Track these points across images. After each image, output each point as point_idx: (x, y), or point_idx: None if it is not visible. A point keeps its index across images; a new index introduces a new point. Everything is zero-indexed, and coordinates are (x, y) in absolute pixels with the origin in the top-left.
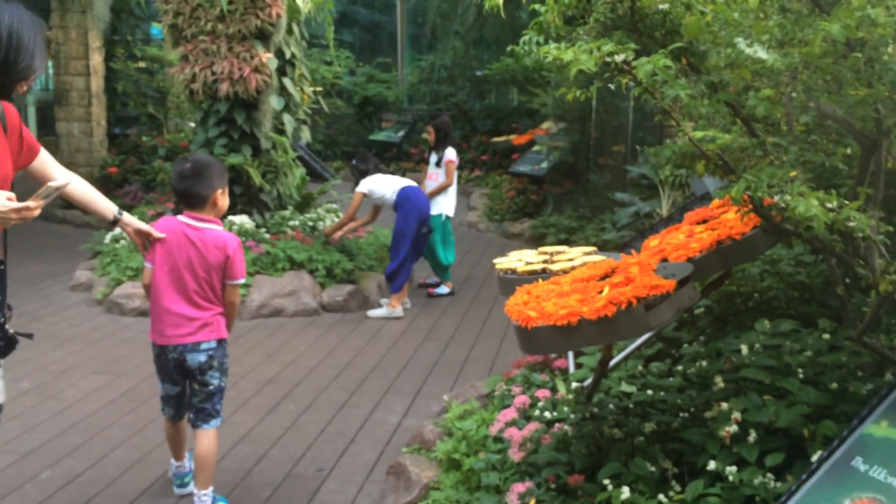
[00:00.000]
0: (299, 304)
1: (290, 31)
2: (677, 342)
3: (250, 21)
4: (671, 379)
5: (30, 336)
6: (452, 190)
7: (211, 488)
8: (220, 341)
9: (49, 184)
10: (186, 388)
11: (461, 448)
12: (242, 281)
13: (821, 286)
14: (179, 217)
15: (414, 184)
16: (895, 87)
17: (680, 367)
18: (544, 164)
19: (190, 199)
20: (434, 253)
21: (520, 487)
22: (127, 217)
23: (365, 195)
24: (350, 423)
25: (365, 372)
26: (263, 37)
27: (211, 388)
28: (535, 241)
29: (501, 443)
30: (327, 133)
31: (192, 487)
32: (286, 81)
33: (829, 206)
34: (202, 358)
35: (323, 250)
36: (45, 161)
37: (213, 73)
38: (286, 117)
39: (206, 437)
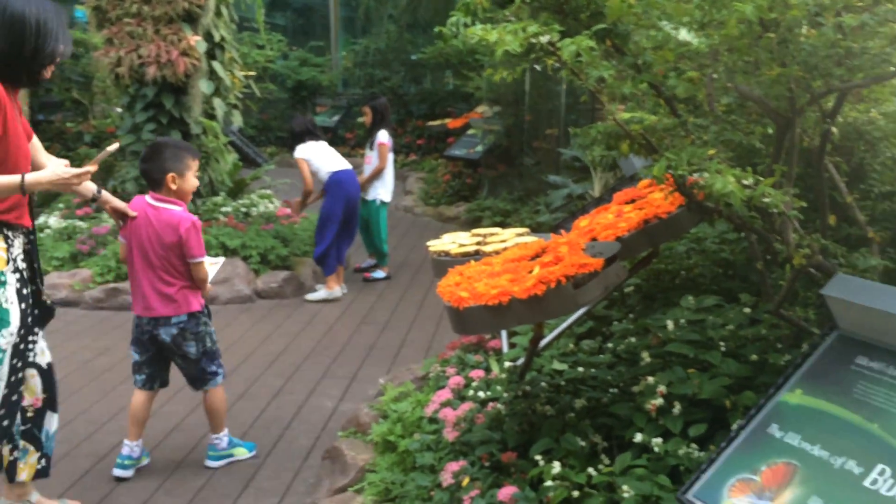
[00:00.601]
0: (233, 291)
1: (218, 14)
2: (608, 320)
3: (177, 3)
4: (601, 356)
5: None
6: (388, 174)
7: (225, 431)
8: (192, 314)
9: (107, 149)
10: (156, 359)
11: (396, 430)
12: (202, 259)
13: (743, 262)
14: (145, 196)
15: (349, 167)
16: (807, 66)
17: (610, 345)
18: (479, 148)
19: (147, 180)
20: (372, 238)
21: (454, 466)
22: (105, 195)
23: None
24: (285, 410)
25: (300, 358)
26: (191, 19)
27: (191, 356)
28: (471, 225)
29: (436, 423)
30: (260, 118)
31: (129, 472)
32: (216, 65)
33: (746, 183)
34: (174, 331)
35: (257, 236)
36: (37, 146)
37: (140, 57)
38: (217, 102)
39: (210, 397)
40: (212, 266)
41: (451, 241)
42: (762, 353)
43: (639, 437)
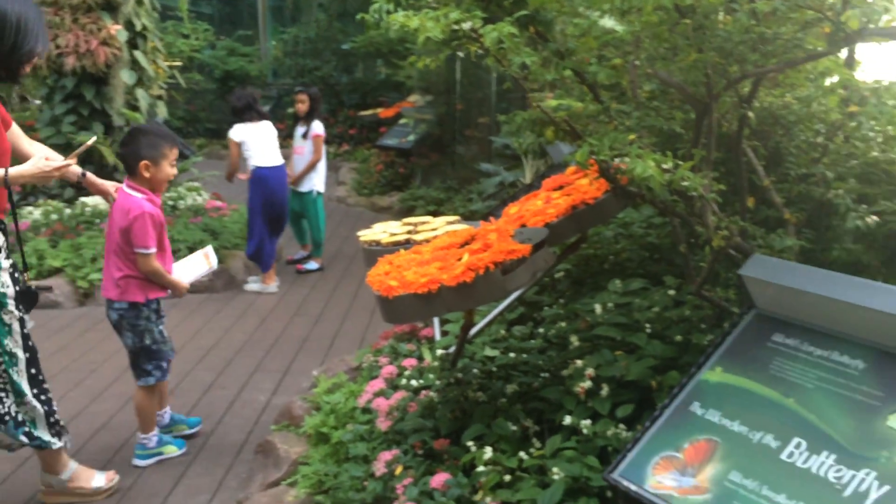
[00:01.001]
0: None
1: (139, 2)
2: (539, 305)
3: None
4: (532, 341)
5: (49, 289)
6: (322, 165)
7: (153, 432)
8: (133, 304)
9: (87, 142)
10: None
11: (329, 421)
12: (146, 251)
13: (668, 246)
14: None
15: (278, 163)
16: (723, 52)
17: (541, 330)
18: (411, 137)
19: (125, 166)
20: (304, 229)
21: (387, 455)
22: (90, 177)
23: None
24: (217, 405)
25: (232, 352)
26: (111, 8)
27: (128, 346)
28: (405, 214)
29: (369, 413)
30: (188, 109)
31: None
32: (138, 55)
33: (665, 167)
34: (114, 316)
35: (185, 230)
36: (17, 133)
37: (58, 47)
38: (140, 93)
39: (136, 394)
40: (188, 263)
41: (382, 231)
42: (686, 334)
43: (568, 420)
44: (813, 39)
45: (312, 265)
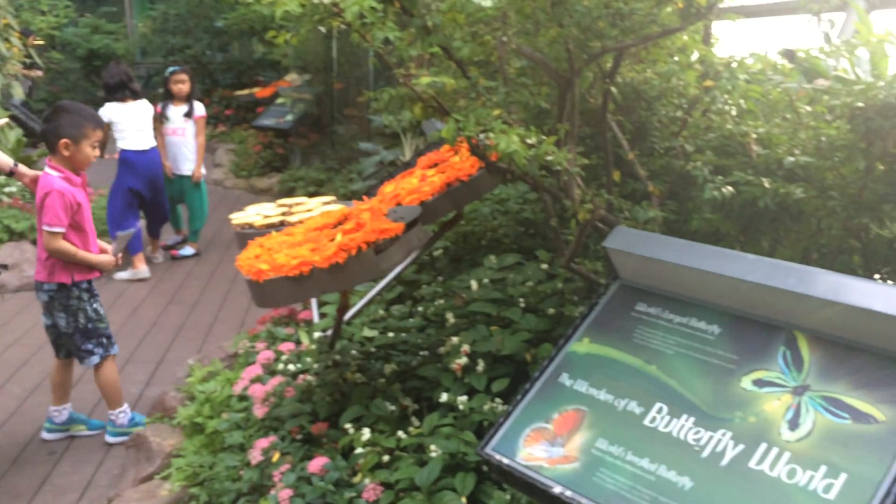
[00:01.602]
0: (22, 277)
1: None
2: (417, 284)
3: None
4: (411, 320)
5: (5, 267)
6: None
7: (120, 407)
8: (62, 285)
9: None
10: (57, 326)
11: (204, 411)
12: (51, 228)
13: (543, 221)
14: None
15: (148, 147)
16: (582, 27)
17: (420, 308)
18: (289, 117)
19: (46, 144)
20: (190, 213)
21: (263, 443)
22: (21, 168)
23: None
24: (85, 400)
25: None
26: None
27: (61, 328)
28: (285, 196)
29: (246, 401)
30: (50, 90)
31: (53, 435)
32: None
33: (530, 142)
34: (44, 297)
35: None
36: None
37: None
38: None
39: (95, 375)
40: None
41: (256, 213)
42: (559, 307)
43: (445, 397)
44: (669, 15)
45: (188, 251)
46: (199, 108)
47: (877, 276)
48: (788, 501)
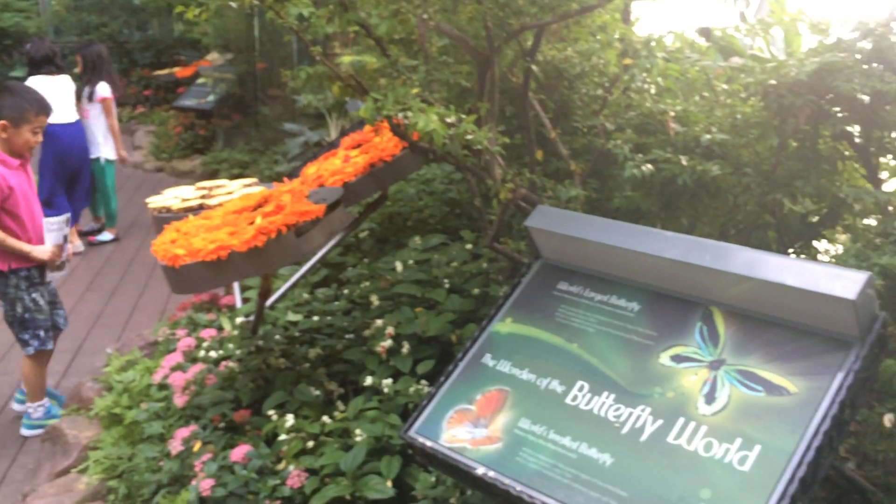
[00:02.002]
0: None
1: None
2: (343, 266)
3: None
4: (337, 303)
5: None
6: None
7: (38, 402)
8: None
9: None
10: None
11: (123, 401)
12: None
13: (468, 200)
14: None
15: (72, 120)
16: (500, 4)
17: (346, 291)
18: (211, 98)
19: None
20: (98, 198)
21: (184, 432)
22: None
23: None
24: None
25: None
26: None
27: (4, 316)
28: (208, 179)
29: (166, 390)
30: None
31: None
32: None
33: (449, 120)
34: None
35: None
36: None
37: None
38: None
39: (22, 364)
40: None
41: (174, 197)
42: (484, 287)
43: (370, 381)
44: None
45: (106, 236)
46: (102, 90)
47: (790, 250)
48: (705, 474)
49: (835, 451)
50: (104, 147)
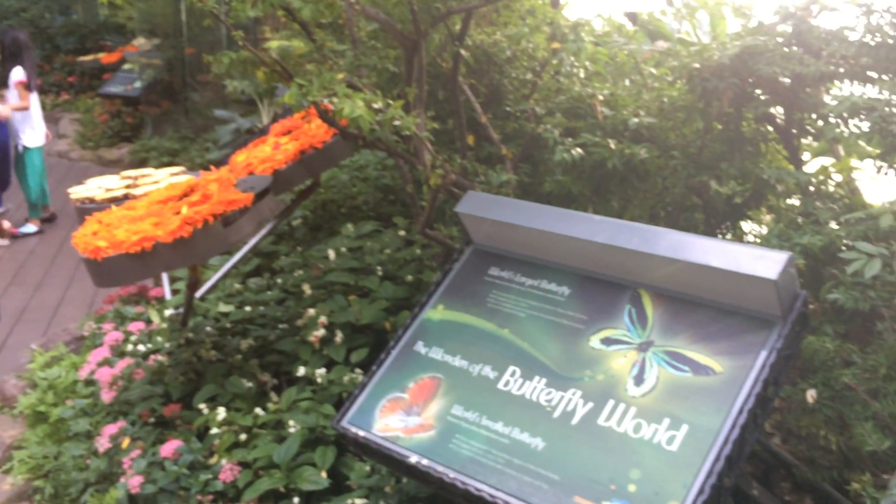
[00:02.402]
0: None
1: None
2: (276, 255)
3: None
4: (269, 293)
5: None
6: (33, 117)
7: None
8: None
9: None
10: None
11: (48, 399)
12: None
13: (402, 187)
14: None
15: None
16: None
17: (279, 280)
18: (138, 84)
19: None
20: (21, 187)
21: (111, 429)
22: None
23: None
24: None
25: None
26: None
27: None
28: (136, 167)
29: (93, 386)
30: None
31: None
32: None
33: (376, 106)
34: None
35: None
36: None
37: None
38: None
39: None
40: None
41: (97, 187)
42: (417, 274)
43: (302, 371)
44: None
45: (30, 228)
46: (15, 74)
47: (717, 232)
48: (635, 455)
49: (760, 428)
50: (23, 135)
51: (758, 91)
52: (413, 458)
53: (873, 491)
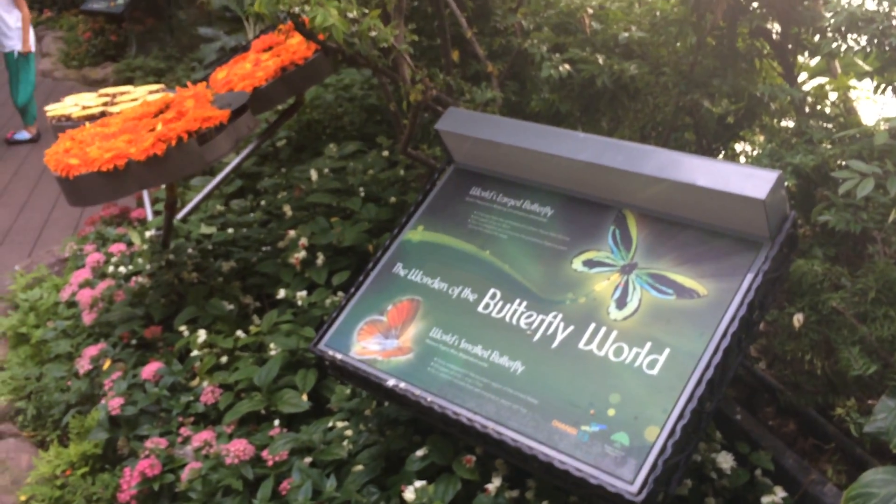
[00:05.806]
0: None
1: None
2: (260, 176)
3: None
4: (252, 214)
5: None
6: (25, 20)
7: None
8: None
9: None
10: None
11: (29, 320)
12: None
13: (387, 106)
14: None
15: None
16: None
17: (263, 202)
18: (121, 0)
19: None
20: (11, 94)
21: (92, 351)
22: None
23: None
24: None
25: None
26: None
27: None
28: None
29: (74, 307)
30: None
31: None
32: None
33: (351, 16)
34: None
35: None
36: None
37: None
38: None
39: None
40: None
41: (74, 104)
42: (401, 195)
43: (283, 293)
44: None
45: (24, 135)
46: None
47: (709, 153)
48: (615, 379)
49: (743, 352)
50: (16, 39)
51: (754, 4)
52: (391, 382)
53: (857, 416)
